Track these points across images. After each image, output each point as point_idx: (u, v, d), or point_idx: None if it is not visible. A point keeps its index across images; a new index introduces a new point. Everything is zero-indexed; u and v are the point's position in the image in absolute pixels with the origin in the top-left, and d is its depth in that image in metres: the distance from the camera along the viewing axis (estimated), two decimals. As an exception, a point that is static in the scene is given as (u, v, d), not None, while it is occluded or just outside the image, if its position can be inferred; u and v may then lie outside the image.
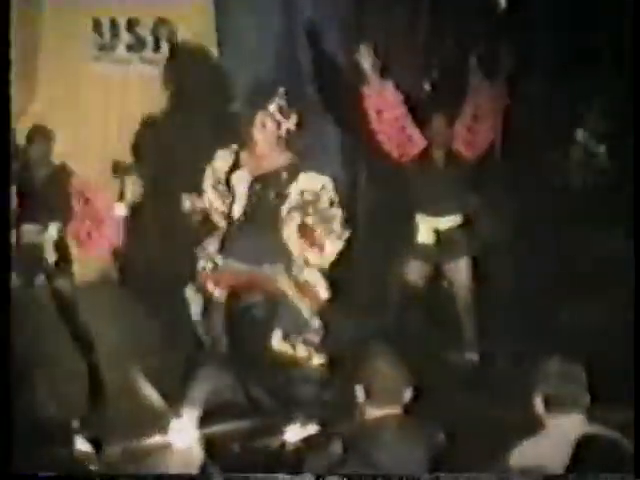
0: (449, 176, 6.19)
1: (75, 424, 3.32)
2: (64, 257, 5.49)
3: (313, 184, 5.24)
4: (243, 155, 5.36)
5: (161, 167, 6.55)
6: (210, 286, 5.29)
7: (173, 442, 3.66)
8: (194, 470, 3.54)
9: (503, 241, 7.11)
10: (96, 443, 3.72)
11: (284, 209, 5.23)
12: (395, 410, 3.61)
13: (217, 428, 3.74)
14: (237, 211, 5.32)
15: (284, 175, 5.28)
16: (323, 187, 5.24)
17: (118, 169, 6.27)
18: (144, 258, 6.60)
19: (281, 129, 5.29)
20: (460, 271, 6.23)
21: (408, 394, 3.63)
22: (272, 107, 5.25)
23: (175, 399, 3.88)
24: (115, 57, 6.76)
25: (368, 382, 3.63)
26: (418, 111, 6.13)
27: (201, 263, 5.37)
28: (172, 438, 3.67)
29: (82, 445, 3.66)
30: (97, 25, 6.70)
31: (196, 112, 6.54)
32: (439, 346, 6.34)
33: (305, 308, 5.23)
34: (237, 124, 5.71)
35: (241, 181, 5.31)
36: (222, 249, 5.34)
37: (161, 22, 6.77)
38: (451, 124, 6.16)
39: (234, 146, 5.36)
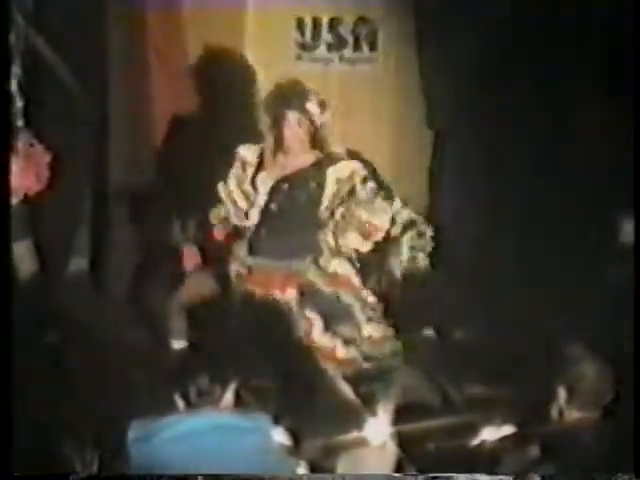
0: None
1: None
2: None
3: (343, 172, 5.07)
4: (268, 155, 5.17)
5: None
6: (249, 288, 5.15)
7: (369, 438, 3.71)
8: (389, 468, 3.57)
9: None
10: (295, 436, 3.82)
11: (323, 204, 5.04)
12: (595, 413, 3.55)
13: (411, 426, 3.76)
14: (257, 212, 5.14)
15: (311, 173, 5.10)
16: (353, 172, 5.07)
17: None
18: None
19: (314, 125, 5.17)
20: None
21: (609, 397, 3.56)
22: (309, 104, 5.14)
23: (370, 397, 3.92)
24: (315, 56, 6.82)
25: (570, 384, 3.58)
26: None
27: (234, 268, 5.21)
28: (368, 434, 3.72)
29: (281, 437, 3.75)
30: (300, 24, 6.78)
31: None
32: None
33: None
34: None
35: (264, 182, 5.16)
36: (251, 249, 5.19)
37: (362, 21, 6.77)
38: None
39: (259, 144, 5.22)
